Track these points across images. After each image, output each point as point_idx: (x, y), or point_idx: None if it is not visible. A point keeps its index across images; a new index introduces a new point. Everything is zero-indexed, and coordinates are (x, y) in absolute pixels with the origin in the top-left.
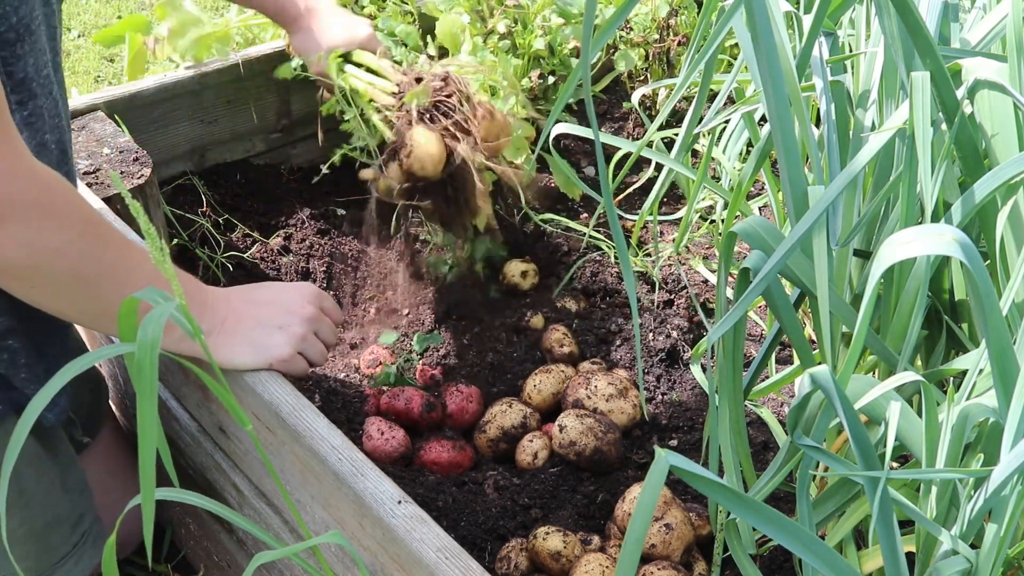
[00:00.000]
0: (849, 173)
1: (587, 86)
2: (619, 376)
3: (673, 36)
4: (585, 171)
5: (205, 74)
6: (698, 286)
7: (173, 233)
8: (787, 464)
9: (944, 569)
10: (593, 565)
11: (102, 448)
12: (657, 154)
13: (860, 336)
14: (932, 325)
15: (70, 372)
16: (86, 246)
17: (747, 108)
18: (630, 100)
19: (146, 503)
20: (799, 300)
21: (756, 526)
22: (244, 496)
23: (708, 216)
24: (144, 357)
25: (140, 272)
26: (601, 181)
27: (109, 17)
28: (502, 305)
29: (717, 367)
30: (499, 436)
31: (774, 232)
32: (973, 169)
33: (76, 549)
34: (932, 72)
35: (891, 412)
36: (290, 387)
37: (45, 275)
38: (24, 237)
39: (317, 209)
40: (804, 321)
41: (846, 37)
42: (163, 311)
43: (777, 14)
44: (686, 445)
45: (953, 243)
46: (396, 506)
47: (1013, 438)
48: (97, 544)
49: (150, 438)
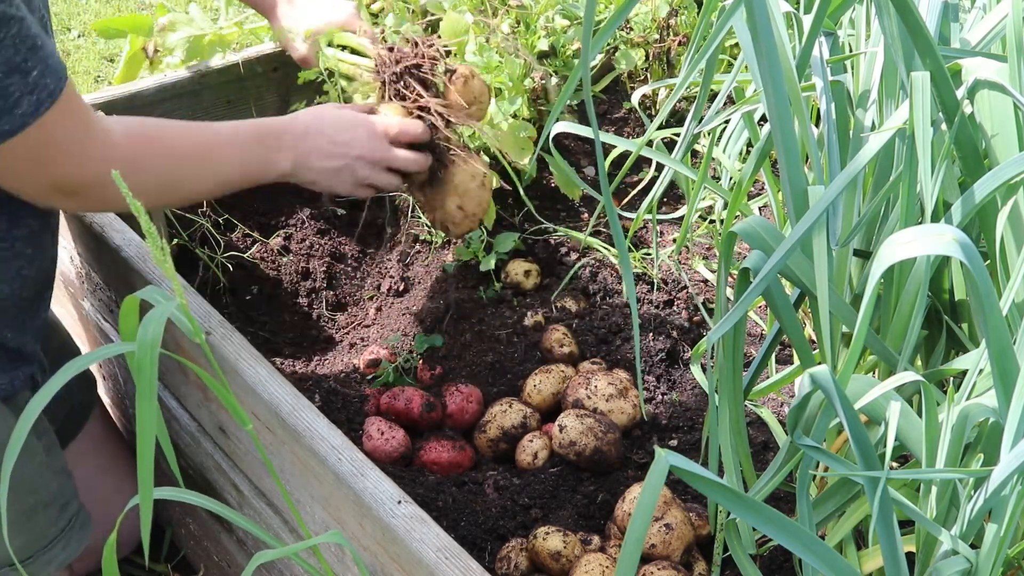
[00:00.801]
0: (849, 173)
1: (587, 86)
2: (619, 376)
3: (673, 36)
4: (585, 171)
5: (205, 74)
6: (698, 286)
7: (173, 233)
8: (787, 464)
9: (944, 569)
10: (593, 565)
11: (90, 445)
12: (657, 154)
13: (860, 336)
14: (932, 325)
15: (71, 371)
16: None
17: (747, 108)
18: (630, 100)
19: (144, 502)
20: (799, 300)
21: (756, 526)
22: (244, 496)
23: (708, 216)
24: (144, 356)
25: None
26: (600, 179)
27: (109, 17)
28: (502, 305)
29: (717, 367)
30: (499, 436)
31: (774, 232)
32: (973, 169)
33: (64, 533)
34: (932, 72)
35: (891, 412)
36: (290, 387)
37: (183, 183)
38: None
39: (317, 209)
40: (804, 321)
41: (846, 37)
42: (164, 310)
43: (777, 14)
44: (686, 445)
45: (953, 243)
46: (396, 506)
47: (1013, 438)
48: (84, 530)
49: (149, 437)
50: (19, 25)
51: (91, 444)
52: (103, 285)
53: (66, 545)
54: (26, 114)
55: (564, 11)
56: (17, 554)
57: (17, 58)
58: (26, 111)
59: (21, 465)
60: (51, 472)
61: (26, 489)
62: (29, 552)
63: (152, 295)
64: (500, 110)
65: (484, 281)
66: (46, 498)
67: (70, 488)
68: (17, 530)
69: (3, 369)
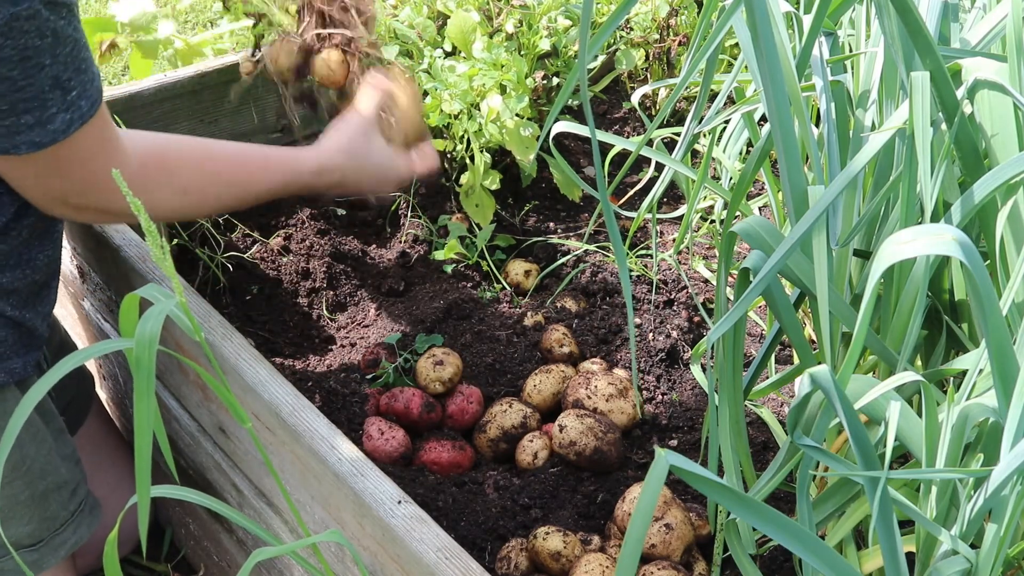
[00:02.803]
0: (849, 173)
1: (584, 84)
2: (619, 376)
3: (673, 36)
4: (586, 171)
5: (205, 74)
6: (698, 286)
7: (173, 233)
8: (787, 464)
9: (944, 569)
10: (593, 565)
11: (87, 443)
12: (657, 154)
13: (860, 336)
14: (932, 325)
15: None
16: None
17: (747, 108)
18: (630, 100)
19: (141, 499)
20: (799, 300)
21: (756, 526)
22: (244, 496)
23: (708, 216)
24: (142, 352)
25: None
26: (598, 179)
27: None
28: (502, 305)
29: (717, 367)
30: (499, 436)
31: (774, 232)
32: (973, 169)
33: (74, 517)
34: (932, 72)
35: (891, 412)
36: (290, 387)
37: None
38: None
39: (317, 209)
40: (804, 321)
41: (846, 37)
42: (163, 308)
43: (777, 14)
44: (686, 445)
45: (953, 243)
46: (396, 506)
47: (1013, 438)
48: (93, 514)
49: (146, 434)
50: (73, 45)
51: (89, 442)
52: (103, 285)
53: (76, 528)
54: (56, 131)
55: (567, 12)
56: (29, 538)
57: (64, 76)
58: (57, 128)
59: (33, 450)
60: (60, 457)
61: (38, 474)
62: (41, 536)
63: (152, 293)
64: (507, 107)
65: (484, 281)
66: (57, 481)
67: (79, 473)
68: (30, 515)
69: (18, 353)
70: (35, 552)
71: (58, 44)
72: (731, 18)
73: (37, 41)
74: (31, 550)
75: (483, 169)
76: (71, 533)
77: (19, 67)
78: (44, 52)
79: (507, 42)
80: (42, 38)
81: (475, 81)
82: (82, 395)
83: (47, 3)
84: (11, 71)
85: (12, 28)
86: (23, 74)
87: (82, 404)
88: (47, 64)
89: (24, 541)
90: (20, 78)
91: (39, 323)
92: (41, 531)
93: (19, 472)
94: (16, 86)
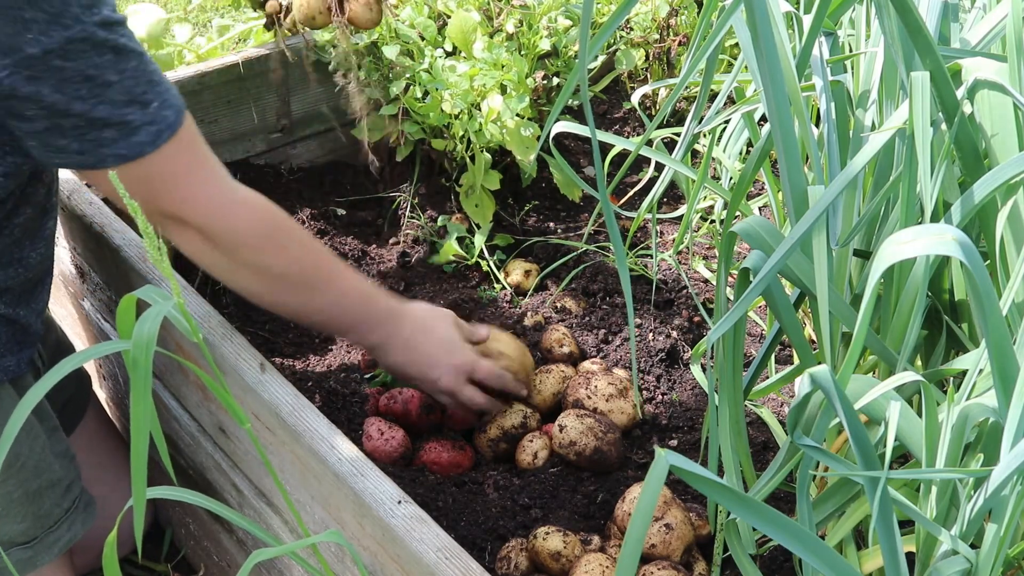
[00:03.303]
0: (849, 173)
1: (584, 84)
2: (619, 376)
3: (673, 36)
4: (586, 171)
5: (205, 74)
6: (698, 286)
7: None
8: (787, 464)
9: (944, 569)
10: (593, 565)
11: (85, 443)
12: (657, 154)
13: (860, 336)
14: (932, 325)
15: (69, 365)
16: (304, 263)
17: (747, 108)
18: (630, 100)
19: (137, 499)
20: (799, 300)
21: (756, 526)
22: (244, 496)
23: (708, 216)
24: (139, 353)
25: (349, 278)
26: (598, 179)
27: None
28: (502, 305)
29: (717, 367)
30: (499, 436)
31: (774, 232)
32: (973, 169)
33: (68, 515)
34: (932, 72)
35: (891, 412)
36: (290, 387)
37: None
38: (255, 263)
39: (317, 209)
40: (804, 321)
41: (846, 37)
42: (160, 310)
43: (777, 14)
44: (686, 445)
45: (953, 243)
46: (396, 506)
47: (1013, 438)
48: (88, 511)
49: (143, 434)
50: (139, 59)
51: (88, 442)
52: (103, 285)
53: (71, 526)
54: (144, 143)
55: (567, 12)
56: (22, 536)
57: (137, 90)
58: (144, 140)
59: (27, 448)
60: (54, 455)
61: (31, 472)
62: (34, 534)
63: (149, 294)
64: (508, 107)
65: (484, 281)
66: (51, 479)
67: (73, 470)
68: (23, 513)
69: (12, 351)
70: (29, 550)
71: (121, 60)
72: (731, 18)
73: (97, 59)
74: (25, 548)
75: (483, 169)
76: (65, 531)
77: (85, 86)
78: (107, 68)
79: (507, 42)
80: (101, 55)
81: (476, 81)
82: (80, 394)
83: (101, 24)
84: (79, 91)
85: (68, 52)
86: (91, 92)
87: (80, 403)
88: (114, 81)
89: (18, 539)
90: (89, 96)
91: (33, 320)
92: (35, 529)
93: (13, 470)
94: (87, 104)
